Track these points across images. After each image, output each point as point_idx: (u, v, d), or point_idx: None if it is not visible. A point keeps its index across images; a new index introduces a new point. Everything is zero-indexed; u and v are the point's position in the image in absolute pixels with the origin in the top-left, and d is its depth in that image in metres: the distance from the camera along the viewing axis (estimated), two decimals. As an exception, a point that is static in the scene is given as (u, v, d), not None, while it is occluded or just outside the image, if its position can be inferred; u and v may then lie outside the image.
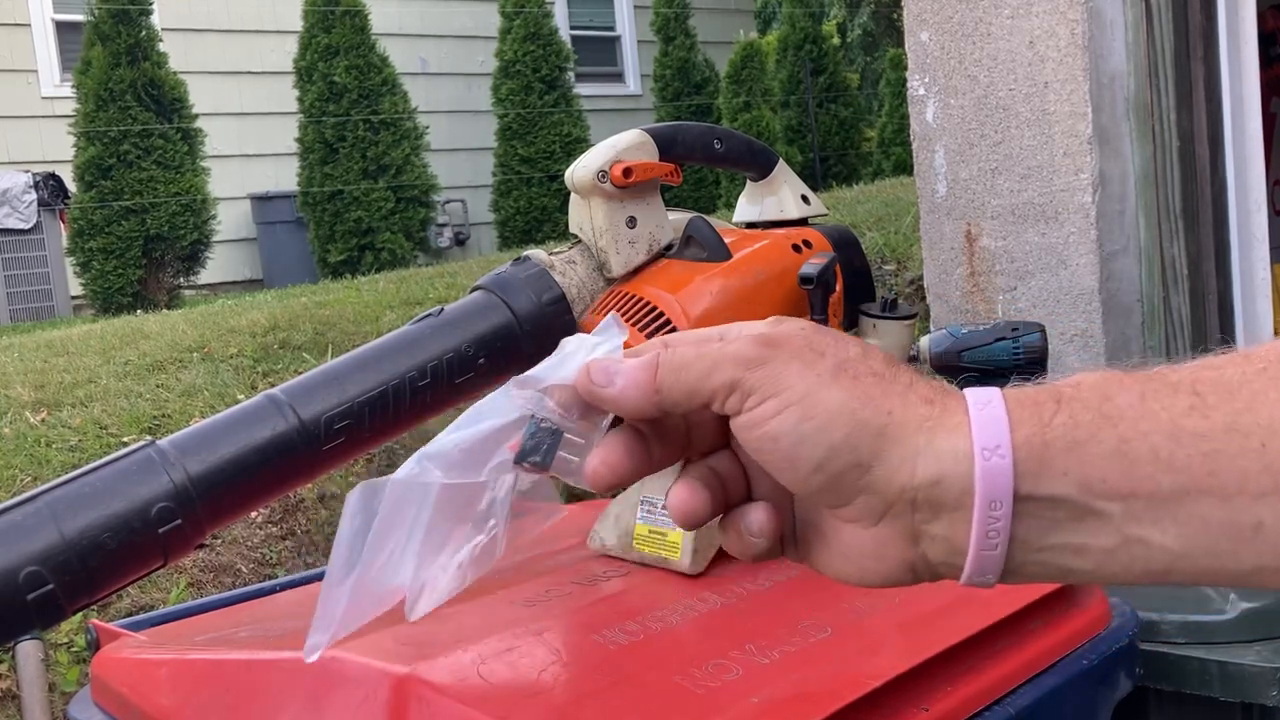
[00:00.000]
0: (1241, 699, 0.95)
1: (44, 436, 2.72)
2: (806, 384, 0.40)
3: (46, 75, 7.25)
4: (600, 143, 0.88)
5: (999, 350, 1.00)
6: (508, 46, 7.57)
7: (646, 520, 0.87)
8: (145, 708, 0.79)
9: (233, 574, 2.50)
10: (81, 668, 2.15)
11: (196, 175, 6.32)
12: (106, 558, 0.64)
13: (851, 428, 0.40)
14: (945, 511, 0.40)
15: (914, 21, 2.46)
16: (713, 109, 8.21)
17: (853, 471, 0.40)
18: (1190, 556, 0.39)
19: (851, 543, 0.42)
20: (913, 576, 0.43)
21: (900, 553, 0.42)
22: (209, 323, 3.75)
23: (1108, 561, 0.40)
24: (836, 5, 12.50)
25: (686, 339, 0.44)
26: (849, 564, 0.43)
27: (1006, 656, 0.81)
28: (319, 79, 6.71)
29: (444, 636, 0.74)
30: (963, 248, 2.43)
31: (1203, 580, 0.40)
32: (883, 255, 4.00)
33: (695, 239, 0.88)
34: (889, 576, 0.43)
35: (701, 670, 0.70)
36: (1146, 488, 0.38)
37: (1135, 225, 2.26)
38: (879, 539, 0.42)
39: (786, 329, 0.43)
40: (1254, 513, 0.38)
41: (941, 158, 2.44)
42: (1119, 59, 2.22)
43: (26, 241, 6.53)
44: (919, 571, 0.42)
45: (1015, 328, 1.02)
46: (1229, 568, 0.39)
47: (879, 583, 0.43)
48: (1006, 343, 1.00)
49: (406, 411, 0.77)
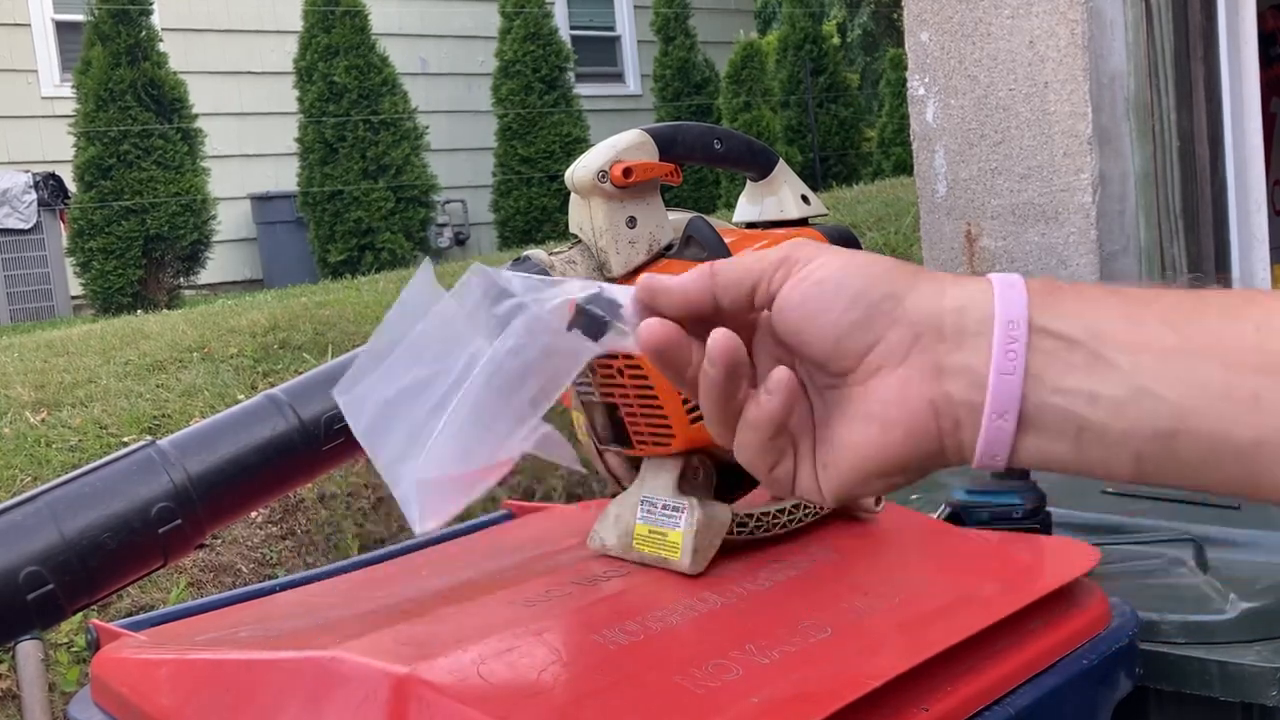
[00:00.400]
0: (1241, 699, 0.95)
1: (44, 436, 2.72)
2: (847, 253, 0.45)
3: (46, 75, 7.25)
4: (600, 143, 0.88)
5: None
6: (508, 46, 7.58)
7: (646, 520, 0.87)
8: (145, 708, 0.79)
9: (233, 574, 2.50)
10: (82, 668, 2.15)
11: (196, 175, 6.32)
12: (106, 558, 0.64)
13: (887, 268, 0.44)
14: (968, 338, 0.42)
15: (914, 22, 2.46)
16: (713, 109, 8.21)
17: (887, 301, 0.43)
18: (1196, 414, 0.40)
19: (875, 396, 0.44)
20: (934, 422, 0.43)
21: (923, 391, 0.43)
22: (209, 323, 3.75)
23: (1119, 414, 0.41)
24: (837, 5, 12.50)
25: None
26: (872, 424, 0.44)
27: (1006, 656, 0.81)
28: (319, 79, 6.71)
29: (444, 636, 0.74)
30: (963, 248, 2.43)
31: (1206, 456, 0.41)
32: (883, 255, 4.00)
33: (695, 239, 0.88)
34: (912, 424, 0.43)
35: (701, 670, 0.70)
36: (1154, 345, 0.41)
37: (1135, 225, 2.26)
38: (904, 380, 0.43)
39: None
40: (1252, 384, 0.40)
41: (941, 158, 2.44)
42: (1119, 59, 2.22)
43: (26, 241, 6.53)
44: (941, 414, 0.43)
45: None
46: (1233, 436, 0.40)
47: (899, 436, 0.44)
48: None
49: (406, 411, 0.77)
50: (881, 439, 0.44)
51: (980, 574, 0.90)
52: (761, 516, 0.89)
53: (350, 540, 2.68)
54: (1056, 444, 0.43)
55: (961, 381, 0.43)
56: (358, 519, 2.74)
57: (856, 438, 0.45)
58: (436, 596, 0.87)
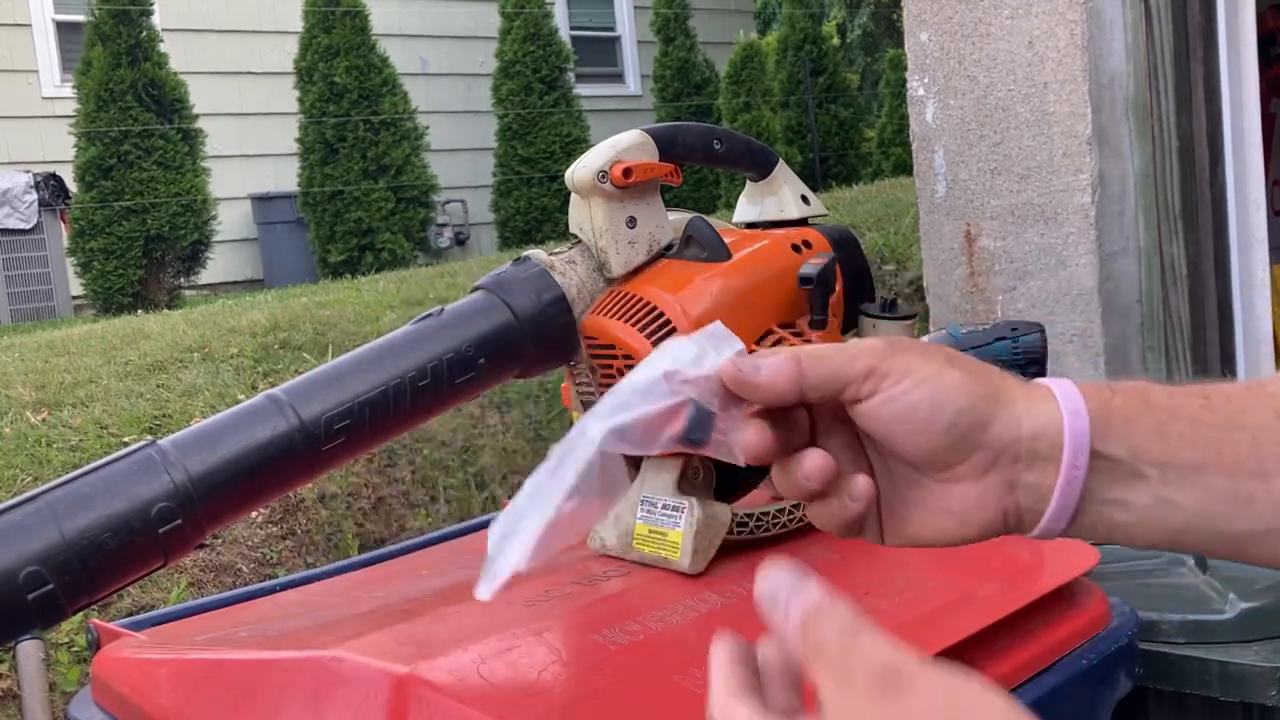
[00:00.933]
0: (1241, 699, 0.95)
1: (45, 436, 2.72)
2: (931, 367, 0.50)
3: (47, 75, 7.24)
4: (600, 143, 0.88)
5: (998, 350, 0.99)
6: (508, 47, 7.58)
7: (646, 520, 0.87)
8: (146, 707, 0.79)
9: (233, 574, 2.50)
10: (82, 667, 2.15)
11: (197, 175, 6.32)
12: (107, 557, 0.64)
13: (973, 396, 0.50)
14: (1039, 461, 0.51)
15: (913, 22, 2.46)
16: (713, 109, 8.20)
17: (975, 429, 0.50)
18: (1202, 516, 0.50)
19: (957, 498, 0.52)
20: (1003, 524, 0.52)
21: (999, 500, 0.51)
22: (209, 323, 3.75)
23: (1144, 516, 0.51)
24: (836, 6, 12.50)
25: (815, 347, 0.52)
26: (951, 518, 0.52)
27: (1006, 656, 0.81)
28: (319, 79, 6.71)
29: (444, 636, 0.74)
30: (962, 248, 2.43)
31: (1206, 542, 0.51)
32: (882, 255, 4.00)
33: (695, 239, 0.88)
34: (985, 524, 0.52)
35: (701, 670, 0.70)
36: (1176, 459, 0.50)
37: (1135, 226, 2.26)
38: (983, 489, 0.51)
39: (902, 338, 0.55)
40: (1248, 487, 0.50)
41: (941, 158, 2.44)
42: (1118, 59, 2.22)
43: (27, 241, 6.53)
44: (1009, 518, 0.52)
45: (1014, 328, 1.01)
46: (1225, 530, 0.50)
47: (974, 533, 0.52)
48: (1006, 343, 0.99)
49: (407, 411, 0.77)
50: (958, 531, 0.52)
51: (980, 574, 0.90)
52: (761, 516, 0.89)
53: (350, 540, 2.68)
54: (1088, 535, 0.53)
55: (1031, 496, 0.51)
56: (358, 519, 2.74)
57: (935, 523, 0.52)
58: (436, 596, 0.87)
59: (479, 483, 2.93)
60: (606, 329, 0.84)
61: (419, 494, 2.86)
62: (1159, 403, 0.51)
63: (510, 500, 0.50)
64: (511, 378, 0.86)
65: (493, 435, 3.02)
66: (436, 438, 2.94)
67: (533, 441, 3.04)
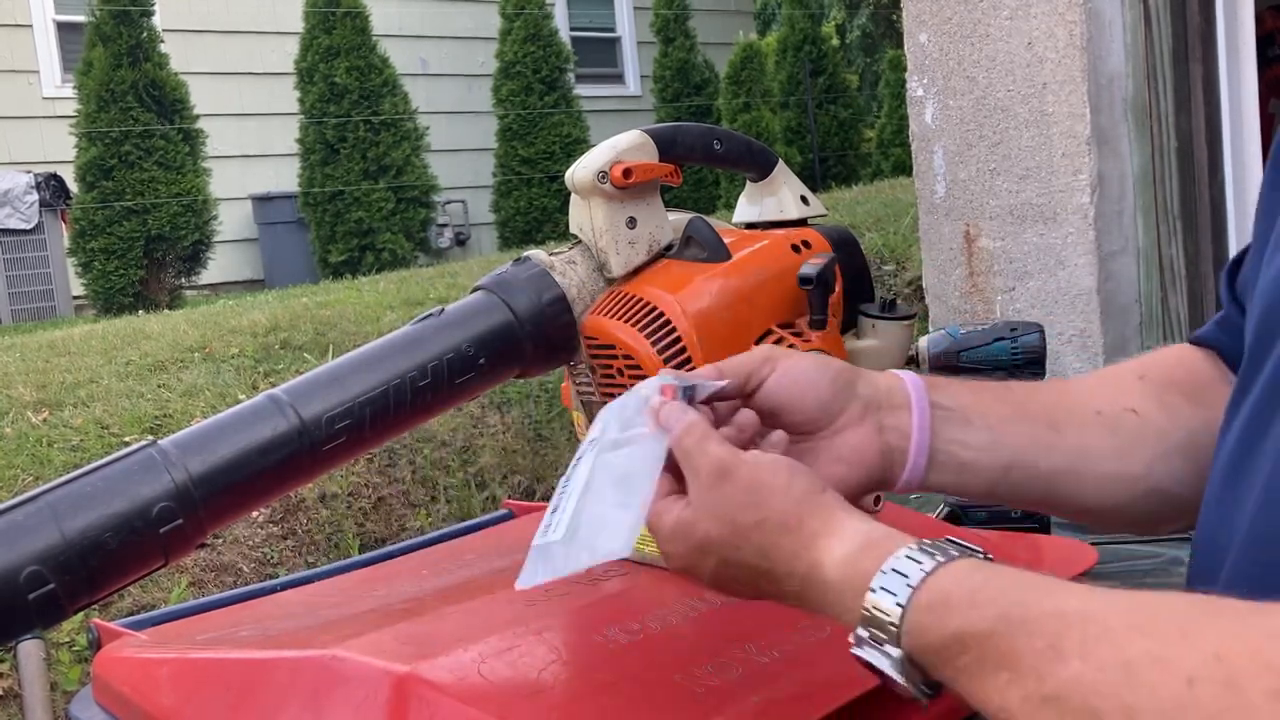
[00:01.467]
0: (1239, 698, 0.95)
1: (46, 436, 2.72)
2: (805, 351, 0.77)
3: (48, 76, 7.25)
4: (600, 143, 0.88)
5: (997, 350, 1.00)
6: (508, 47, 7.58)
7: (646, 520, 0.87)
8: (147, 707, 0.80)
9: (234, 573, 2.50)
10: (83, 667, 2.15)
11: (198, 176, 6.33)
12: (107, 557, 0.64)
13: (840, 365, 0.68)
14: (896, 408, 0.67)
15: (913, 23, 2.46)
16: (712, 110, 8.21)
17: (848, 386, 0.67)
18: (1021, 453, 0.68)
19: (844, 446, 0.66)
20: (882, 464, 0.67)
21: (875, 441, 0.67)
22: (210, 323, 3.75)
23: (980, 454, 0.67)
24: (836, 7, 12.51)
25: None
26: (841, 464, 0.66)
27: (1005, 656, 0.81)
28: (320, 80, 6.72)
29: (444, 635, 0.74)
30: (961, 248, 2.43)
31: (1026, 480, 0.68)
32: (882, 256, 4.01)
33: (695, 239, 0.89)
34: (870, 465, 0.67)
35: (701, 669, 0.71)
36: (993, 412, 0.69)
37: (1134, 226, 2.26)
38: (862, 434, 0.67)
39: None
40: (1048, 437, 0.69)
41: (940, 159, 2.44)
42: (1117, 60, 2.23)
43: (28, 242, 6.53)
44: (884, 458, 0.67)
45: (1014, 328, 1.02)
46: (1038, 468, 0.68)
47: (863, 476, 0.66)
48: (1005, 343, 0.99)
49: (407, 411, 0.78)
50: (850, 474, 0.66)
51: (979, 573, 0.90)
52: (761, 516, 0.89)
53: (351, 540, 2.68)
54: (945, 476, 0.68)
55: (896, 435, 0.67)
56: (358, 519, 2.75)
57: (832, 472, 0.65)
58: (437, 596, 0.87)
59: (479, 483, 2.93)
60: (606, 329, 0.84)
61: (419, 494, 2.86)
62: (969, 383, 0.70)
63: (509, 499, 0.51)
64: (511, 378, 0.86)
65: (493, 435, 3.02)
66: (437, 438, 2.94)
67: (533, 441, 3.04)
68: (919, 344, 0.97)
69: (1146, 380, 0.73)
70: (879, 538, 0.55)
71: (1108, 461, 0.69)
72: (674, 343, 0.82)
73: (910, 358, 0.95)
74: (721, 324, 0.84)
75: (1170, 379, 0.72)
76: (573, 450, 0.67)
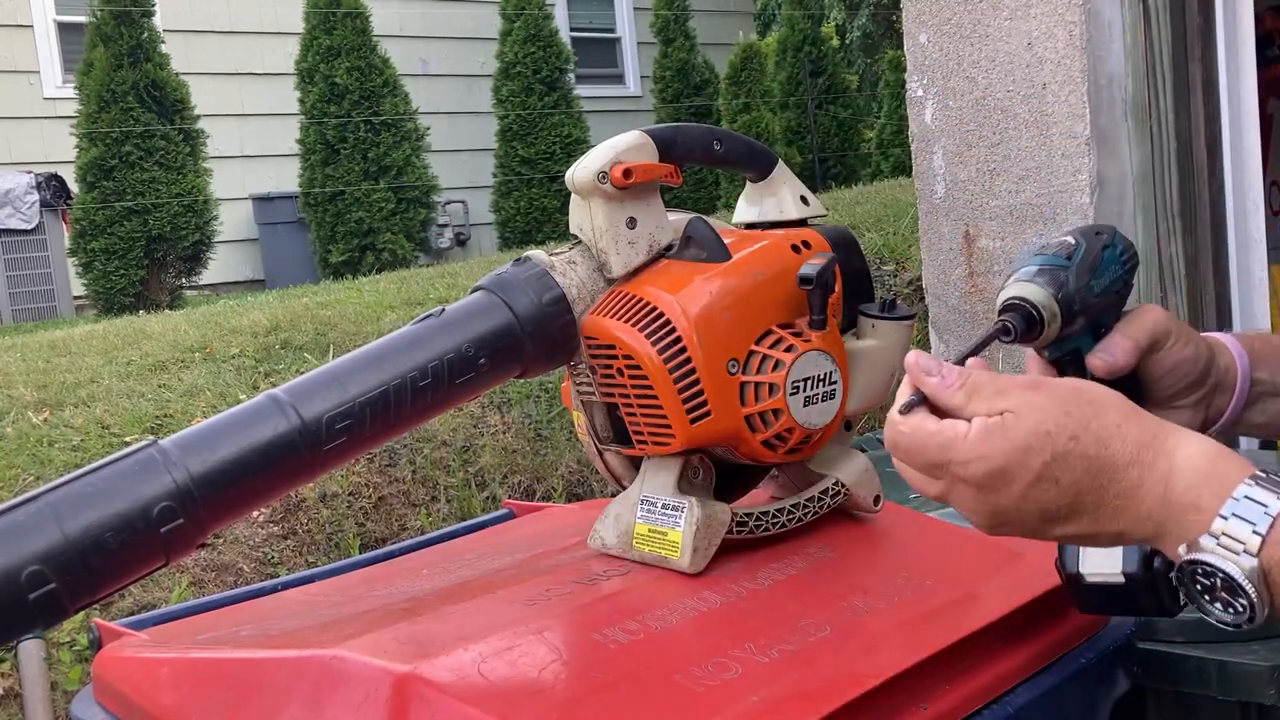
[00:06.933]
0: (1240, 698, 0.95)
1: (46, 436, 2.72)
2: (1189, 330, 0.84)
3: (49, 76, 7.25)
4: (600, 144, 0.88)
5: (1108, 261, 0.82)
6: (508, 48, 7.58)
7: (646, 519, 0.87)
8: (147, 706, 0.80)
9: (234, 573, 2.50)
10: (84, 666, 2.15)
11: (198, 176, 6.32)
12: (108, 557, 0.64)
13: (1206, 348, 0.80)
14: (1225, 390, 0.79)
15: (913, 23, 2.46)
16: (712, 110, 8.21)
17: (1208, 368, 0.79)
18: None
19: (1175, 419, 0.70)
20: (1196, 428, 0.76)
21: (1198, 417, 0.78)
22: (211, 323, 3.75)
23: (1272, 421, 0.79)
24: (836, 7, 12.51)
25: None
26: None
27: (1005, 655, 0.82)
28: (320, 80, 6.72)
29: (445, 635, 0.74)
30: (961, 248, 2.43)
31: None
32: (881, 256, 4.00)
33: (695, 239, 0.89)
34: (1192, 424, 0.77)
35: (701, 669, 0.71)
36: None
37: (1133, 226, 2.26)
38: (1193, 412, 0.79)
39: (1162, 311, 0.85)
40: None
41: (940, 159, 2.44)
42: (1117, 60, 2.23)
43: (29, 242, 6.53)
44: (1198, 427, 0.77)
45: (1099, 232, 0.84)
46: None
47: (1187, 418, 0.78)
48: (1110, 251, 0.82)
49: (408, 411, 0.78)
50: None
51: (979, 573, 0.90)
52: (761, 516, 0.89)
53: (351, 540, 2.68)
54: (1254, 414, 0.80)
55: (1214, 411, 0.80)
56: (359, 518, 2.75)
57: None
58: (437, 595, 0.87)
59: (479, 482, 2.93)
60: (606, 329, 0.84)
61: (420, 493, 2.86)
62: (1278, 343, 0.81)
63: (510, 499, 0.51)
64: (512, 378, 0.86)
65: (493, 435, 3.02)
66: (437, 437, 2.94)
67: (533, 441, 3.04)
68: (1017, 293, 0.78)
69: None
70: (1235, 454, 0.57)
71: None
72: (674, 343, 0.82)
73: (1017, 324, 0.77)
74: (721, 324, 0.84)
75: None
76: (573, 450, 0.65)
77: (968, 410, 0.60)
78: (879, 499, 0.96)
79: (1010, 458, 0.57)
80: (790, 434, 0.86)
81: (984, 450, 0.58)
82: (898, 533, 0.96)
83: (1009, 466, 0.57)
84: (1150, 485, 0.56)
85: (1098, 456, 0.56)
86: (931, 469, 0.60)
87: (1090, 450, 0.56)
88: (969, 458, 0.58)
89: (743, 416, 0.84)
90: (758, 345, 0.85)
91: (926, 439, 0.60)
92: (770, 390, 0.84)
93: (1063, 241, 0.82)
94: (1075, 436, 0.56)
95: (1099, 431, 0.56)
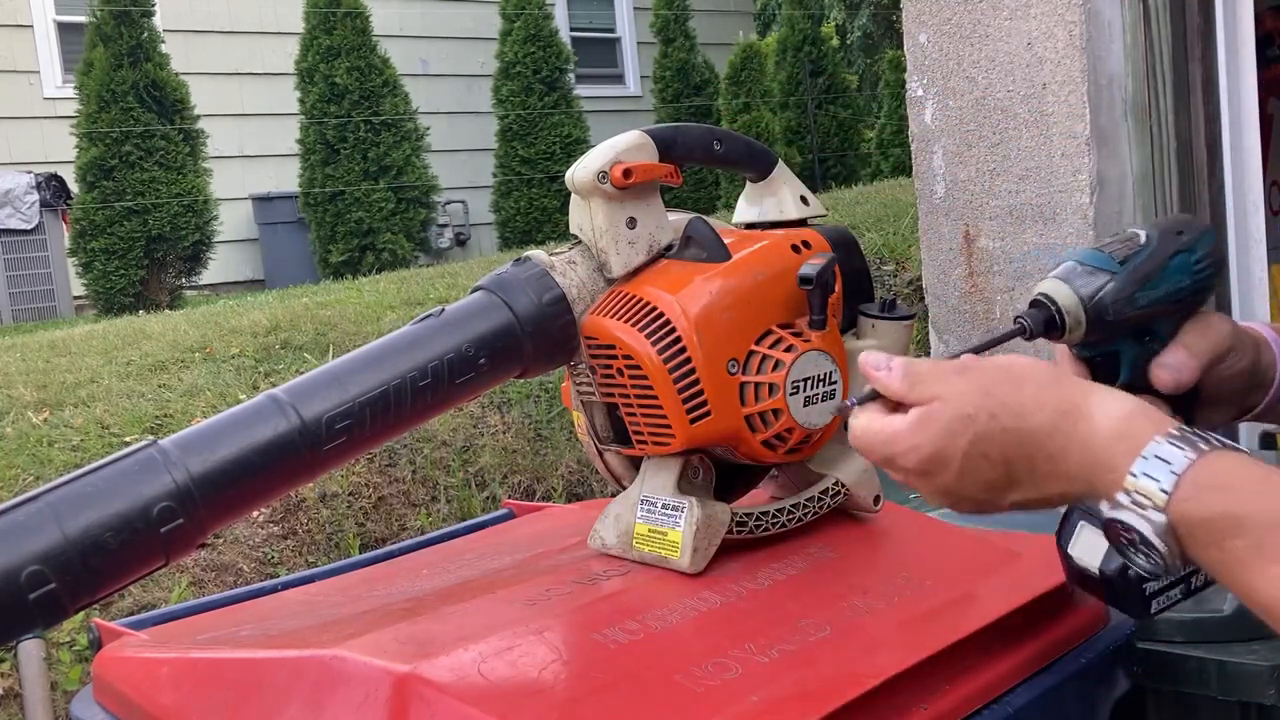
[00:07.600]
0: (1240, 698, 0.95)
1: (46, 436, 2.72)
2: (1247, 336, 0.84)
3: (49, 76, 7.25)
4: (600, 144, 0.88)
5: (1176, 268, 0.73)
6: (508, 48, 7.58)
7: (646, 519, 0.87)
8: (147, 706, 0.80)
9: (234, 573, 2.50)
10: (84, 666, 2.15)
11: (198, 176, 6.32)
12: (108, 557, 0.64)
13: (1263, 360, 0.80)
14: (1264, 387, 0.78)
15: (913, 23, 2.46)
16: (712, 110, 8.20)
17: (1266, 379, 0.79)
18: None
19: (1209, 420, 0.78)
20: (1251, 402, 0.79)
21: (1231, 414, 0.79)
22: (211, 323, 3.75)
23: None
24: (836, 7, 12.51)
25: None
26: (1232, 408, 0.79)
27: (1004, 655, 0.82)
28: (320, 80, 6.72)
29: (445, 635, 0.74)
30: (961, 248, 2.43)
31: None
32: (881, 256, 4.00)
33: (695, 239, 0.89)
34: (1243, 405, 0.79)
35: (701, 669, 0.71)
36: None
37: (1133, 226, 2.26)
38: (1237, 412, 0.80)
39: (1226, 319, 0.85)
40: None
41: (940, 159, 2.44)
42: (1117, 60, 2.23)
43: (29, 242, 6.53)
44: (1229, 425, 0.79)
45: (1180, 231, 0.73)
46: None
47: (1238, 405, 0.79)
48: (1182, 257, 0.73)
49: (408, 411, 0.78)
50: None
51: (979, 573, 0.90)
52: (761, 516, 0.89)
53: (351, 540, 2.68)
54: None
55: (1250, 407, 0.80)
56: (359, 518, 2.75)
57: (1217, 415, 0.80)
58: (437, 595, 0.87)
59: (479, 482, 2.93)
60: (606, 329, 0.84)
61: (419, 493, 2.86)
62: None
63: (509, 499, 0.51)
64: (512, 378, 0.86)
65: (493, 435, 3.02)
66: (437, 437, 2.94)
67: (533, 441, 3.04)
68: (1050, 293, 0.72)
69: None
70: (1152, 410, 0.58)
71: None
72: (674, 343, 0.82)
73: (1042, 326, 0.72)
74: (721, 324, 0.84)
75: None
76: (573, 450, 0.66)
77: (910, 399, 0.63)
78: (879, 499, 0.96)
79: (939, 443, 0.60)
80: (790, 434, 0.86)
81: (916, 440, 0.61)
82: (898, 533, 0.96)
83: (940, 451, 0.61)
84: (1073, 449, 0.58)
85: (1019, 429, 0.59)
86: (884, 462, 0.65)
87: (1010, 424, 0.59)
88: (906, 448, 0.62)
89: (743, 416, 0.84)
90: (758, 345, 0.85)
91: (873, 436, 0.64)
92: (770, 390, 0.84)
93: (1131, 236, 0.74)
94: (994, 415, 0.59)
95: (1016, 406, 0.59)
